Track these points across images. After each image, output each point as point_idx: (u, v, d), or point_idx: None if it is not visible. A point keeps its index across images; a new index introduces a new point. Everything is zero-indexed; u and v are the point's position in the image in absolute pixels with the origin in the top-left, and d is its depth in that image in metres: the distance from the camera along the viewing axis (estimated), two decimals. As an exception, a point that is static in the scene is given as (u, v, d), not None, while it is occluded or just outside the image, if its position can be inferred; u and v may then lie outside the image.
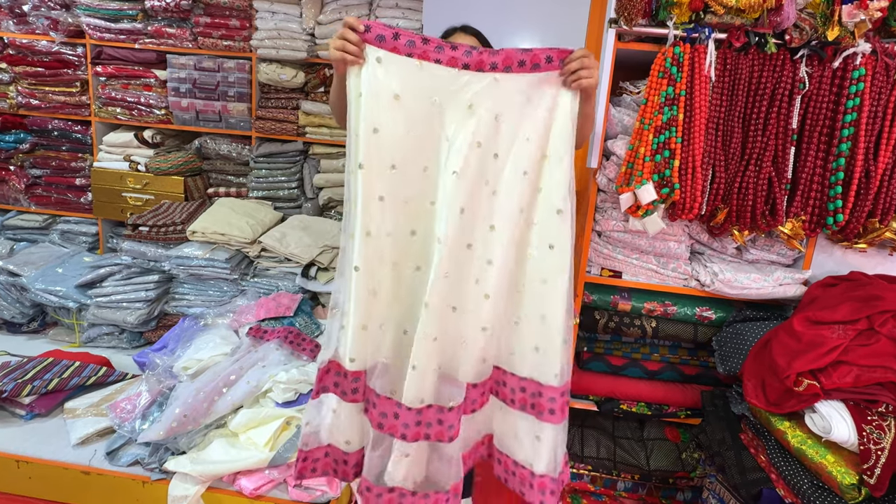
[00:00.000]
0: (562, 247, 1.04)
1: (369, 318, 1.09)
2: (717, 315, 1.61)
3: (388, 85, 1.01)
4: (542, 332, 1.07)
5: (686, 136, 1.40)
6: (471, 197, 1.03)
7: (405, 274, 1.10)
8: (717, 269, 1.52)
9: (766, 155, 1.40)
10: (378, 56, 1.01)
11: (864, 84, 1.34)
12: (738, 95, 1.40)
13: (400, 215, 1.06)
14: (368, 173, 1.02)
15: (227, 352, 2.01)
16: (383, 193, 1.04)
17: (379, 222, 1.05)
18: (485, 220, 1.06)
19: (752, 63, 1.39)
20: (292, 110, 2.74)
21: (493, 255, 1.06)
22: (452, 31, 1.39)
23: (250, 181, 2.79)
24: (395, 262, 1.09)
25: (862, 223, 1.41)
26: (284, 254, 2.44)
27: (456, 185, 1.01)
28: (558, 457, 1.11)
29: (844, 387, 1.19)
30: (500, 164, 1.04)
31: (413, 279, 1.10)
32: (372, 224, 1.05)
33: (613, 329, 1.67)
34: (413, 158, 1.04)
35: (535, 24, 1.92)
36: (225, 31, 2.66)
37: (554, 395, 1.08)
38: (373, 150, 1.02)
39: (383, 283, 1.09)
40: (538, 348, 1.09)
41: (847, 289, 1.39)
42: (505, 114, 1.01)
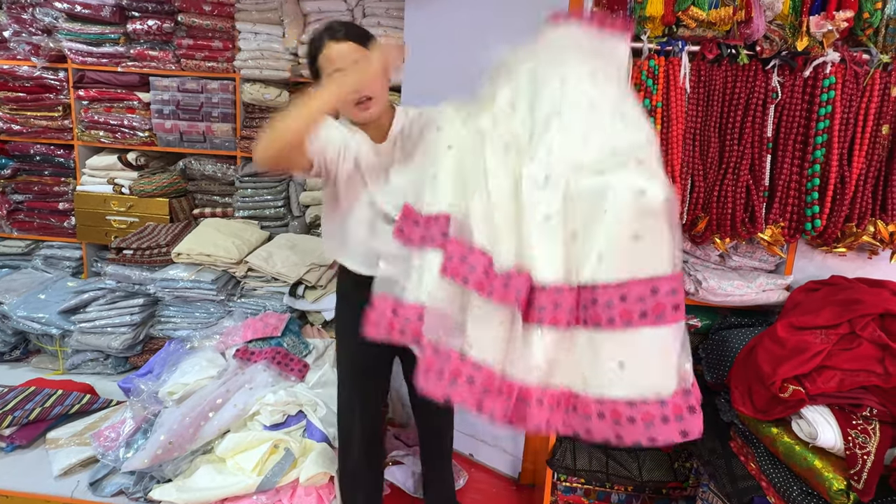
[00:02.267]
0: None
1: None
2: (702, 323, 1.62)
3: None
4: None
5: (664, 147, 1.42)
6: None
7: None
8: (700, 277, 1.53)
9: (742, 163, 1.42)
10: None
11: (834, 92, 1.37)
12: (714, 106, 1.42)
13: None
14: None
15: (214, 375, 2.00)
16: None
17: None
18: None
19: (725, 74, 1.41)
20: None
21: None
22: (320, 40, 1.20)
23: (236, 201, 2.79)
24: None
25: (840, 228, 1.43)
26: (271, 273, 2.43)
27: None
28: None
29: (829, 392, 1.19)
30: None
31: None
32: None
33: None
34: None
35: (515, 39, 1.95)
36: (208, 53, 2.68)
37: (674, 287, 0.83)
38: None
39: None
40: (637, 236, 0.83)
41: (828, 293, 1.41)
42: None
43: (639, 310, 0.84)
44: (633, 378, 0.85)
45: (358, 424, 1.50)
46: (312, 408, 1.87)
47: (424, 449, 1.69)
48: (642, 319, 0.84)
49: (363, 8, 2.57)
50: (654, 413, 0.85)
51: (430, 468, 1.70)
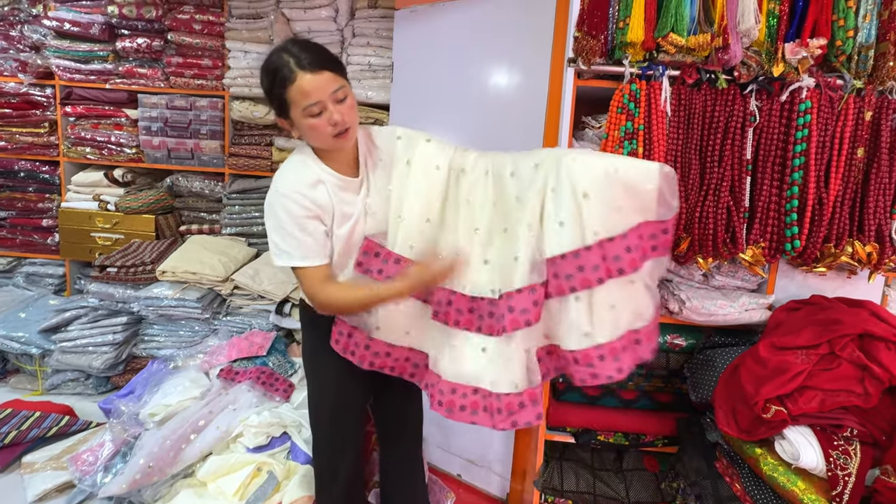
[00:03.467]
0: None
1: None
2: (687, 342, 1.62)
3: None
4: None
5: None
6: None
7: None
8: (684, 297, 1.54)
9: (723, 185, 1.44)
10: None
11: (810, 116, 1.40)
12: (694, 129, 1.45)
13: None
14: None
15: (197, 395, 1.97)
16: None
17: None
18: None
19: (704, 98, 1.44)
20: (266, 146, 2.75)
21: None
22: (286, 69, 1.12)
23: (223, 218, 2.78)
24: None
25: (819, 248, 1.45)
26: (258, 291, 2.42)
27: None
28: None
29: (810, 412, 1.20)
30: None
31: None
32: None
33: None
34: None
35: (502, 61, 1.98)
36: (197, 71, 2.70)
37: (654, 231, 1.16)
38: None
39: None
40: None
41: (809, 313, 1.42)
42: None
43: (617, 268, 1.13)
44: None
45: (342, 462, 1.43)
46: (297, 429, 1.84)
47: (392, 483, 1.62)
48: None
49: (353, 28, 2.60)
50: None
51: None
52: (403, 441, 1.59)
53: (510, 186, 1.22)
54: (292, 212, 1.16)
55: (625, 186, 1.12)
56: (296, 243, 1.18)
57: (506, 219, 1.23)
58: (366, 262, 1.25)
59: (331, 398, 1.41)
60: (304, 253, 1.18)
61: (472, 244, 1.25)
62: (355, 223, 1.25)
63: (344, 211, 1.23)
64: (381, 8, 2.55)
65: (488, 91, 1.93)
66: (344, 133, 1.17)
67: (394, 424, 1.57)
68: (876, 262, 1.46)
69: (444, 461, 2.18)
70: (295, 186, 1.17)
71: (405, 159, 1.28)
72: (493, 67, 1.95)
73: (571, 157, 1.15)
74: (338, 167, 1.24)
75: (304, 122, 1.14)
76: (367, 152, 1.31)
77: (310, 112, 1.12)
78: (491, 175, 1.26)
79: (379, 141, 1.32)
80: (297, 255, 1.18)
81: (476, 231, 1.26)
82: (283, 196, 1.17)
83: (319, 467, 1.47)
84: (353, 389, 1.40)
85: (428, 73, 2.11)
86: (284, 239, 1.18)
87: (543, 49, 1.80)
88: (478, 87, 1.96)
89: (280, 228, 1.17)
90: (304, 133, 1.18)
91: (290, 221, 1.16)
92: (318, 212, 1.19)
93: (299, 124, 1.16)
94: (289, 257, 1.18)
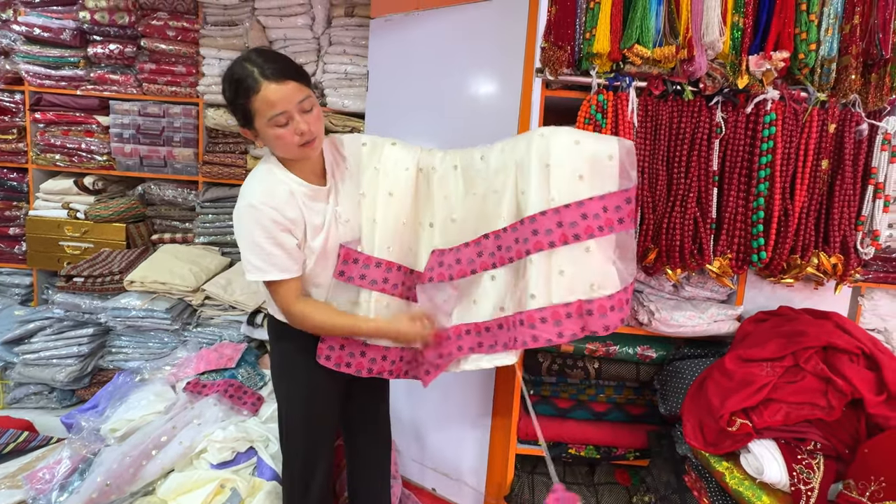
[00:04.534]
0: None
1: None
2: (657, 353, 1.62)
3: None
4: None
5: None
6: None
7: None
8: (654, 308, 1.55)
9: (690, 196, 1.45)
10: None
11: (775, 128, 1.42)
12: (661, 140, 1.46)
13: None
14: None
15: (161, 410, 1.92)
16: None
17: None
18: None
19: (671, 109, 1.45)
20: (240, 154, 2.73)
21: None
22: (250, 79, 1.10)
23: (196, 226, 2.74)
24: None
25: (785, 259, 1.46)
26: (229, 301, 2.38)
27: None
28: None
29: (775, 425, 1.20)
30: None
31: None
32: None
33: (558, 371, 1.66)
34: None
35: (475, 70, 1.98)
36: (171, 77, 2.66)
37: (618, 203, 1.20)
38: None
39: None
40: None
41: (775, 324, 1.43)
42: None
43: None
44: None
45: (313, 477, 1.41)
46: (264, 443, 1.79)
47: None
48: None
49: (329, 36, 2.59)
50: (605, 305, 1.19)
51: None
52: (371, 454, 1.57)
53: (481, 172, 1.30)
54: (263, 225, 1.15)
55: (586, 157, 1.19)
56: (267, 257, 1.17)
57: (482, 203, 1.30)
58: (347, 270, 1.28)
59: (302, 411, 1.38)
60: (276, 267, 1.18)
61: (451, 234, 1.33)
62: (328, 233, 1.25)
63: (314, 223, 1.23)
64: (358, 17, 2.55)
65: (462, 100, 1.94)
66: (310, 143, 1.17)
67: (362, 434, 1.56)
68: (841, 274, 1.47)
69: (419, 475, 2.15)
70: (264, 199, 1.16)
71: (372, 165, 1.32)
72: (467, 76, 1.95)
73: (539, 133, 1.23)
74: (305, 176, 1.24)
75: (269, 133, 1.14)
76: (333, 161, 1.32)
77: (276, 122, 1.12)
78: (460, 168, 1.33)
79: (345, 149, 1.34)
80: (269, 269, 1.18)
81: (453, 221, 1.33)
82: (252, 208, 1.16)
83: (290, 482, 1.45)
84: (324, 401, 1.39)
85: (403, 81, 2.11)
86: (255, 253, 1.17)
87: (516, 59, 1.80)
88: (452, 96, 1.96)
89: (251, 242, 1.17)
90: (269, 143, 1.18)
91: (260, 234, 1.16)
92: (289, 225, 1.19)
93: (264, 134, 1.15)
94: (260, 272, 1.18)
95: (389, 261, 1.31)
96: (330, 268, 1.27)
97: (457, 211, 1.33)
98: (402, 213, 1.33)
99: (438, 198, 1.34)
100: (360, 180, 1.31)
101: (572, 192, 1.18)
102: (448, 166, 1.34)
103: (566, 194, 1.18)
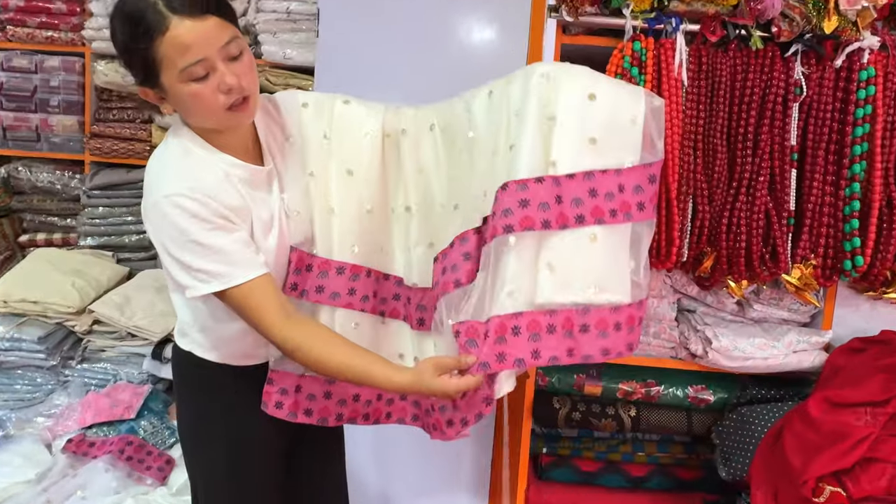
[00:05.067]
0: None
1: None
2: (716, 396, 1.61)
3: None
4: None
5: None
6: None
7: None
8: (710, 334, 1.53)
9: (759, 181, 1.43)
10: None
11: (875, 88, 1.40)
12: (720, 104, 1.43)
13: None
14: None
15: (32, 478, 1.94)
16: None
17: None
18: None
19: (733, 62, 1.43)
20: (143, 124, 2.72)
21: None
22: (153, 13, 1.05)
23: (82, 224, 2.74)
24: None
25: (889, 266, 1.45)
26: (127, 327, 2.39)
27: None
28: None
29: (877, 494, 1.20)
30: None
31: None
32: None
33: (580, 421, 1.65)
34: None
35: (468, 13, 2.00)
36: (46, 18, 2.65)
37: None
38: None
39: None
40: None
41: (877, 355, 1.42)
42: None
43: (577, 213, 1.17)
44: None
45: None
46: (175, 526, 1.79)
47: None
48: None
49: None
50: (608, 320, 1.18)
51: None
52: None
53: (465, 128, 1.30)
54: (197, 213, 1.10)
55: (603, 116, 1.19)
56: (219, 254, 1.11)
57: (472, 173, 1.29)
58: (300, 282, 1.27)
59: (228, 486, 1.37)
60: (236, 265, 1.12)
61: (435, 221, 1.34)
62: (280, 231, 1.24)
63: (261, 216, 1.22)
64: (306, -66, 2.55)
65: (450, 49, 1.97)
66: (242, 104, 1.14)
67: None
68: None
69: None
70: (189, 186, 1.12)
71: (320, 132, 1.31)
72: (457, 17, 1.96)
73: (541, 72, 1.20)
74: (236, 154, 1.21)
75: (182, 91, 1.10)
76: (268, 132, 1.30)
77: (191, 75, 1.08)
78: (438, 128, 1.33)
79: (281, 114, 1.32)
80: (226, 270, 1.11)
81: (442, 206, 1.34)
82: (178, 196, 1.10)
83: None
84: (261, 470, 1.38)
85: (368, 22, 2.11)
86: (197, 253, 1.10)
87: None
88: (434, 44, 1.98)
89: (185, 242, 1.10)
90: (182, 106, 1.15)
91: (198, 227, 1.10)
92: (233, 217, 1.15)
93: (175, 93, 1.11)
94: (214, 277, 1.11)
95: (355, 264, 1.31)
96: (281, 278, 1.26)
97: (438, 187, 1.34)
98: (366, 197, 1.32)
99: (415, 174, 1.35)
100: (307, 156, 1.30)
101: (579, 160, 1.18)
102: (423, 127, 1.34)
103: (570, 161, 1.17)
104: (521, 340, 1.13)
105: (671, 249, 1.43)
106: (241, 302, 1.13)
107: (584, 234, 1.17)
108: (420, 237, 1.37)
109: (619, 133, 1.20)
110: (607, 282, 1.18)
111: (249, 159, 1.24)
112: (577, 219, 1.16)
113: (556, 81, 1.19)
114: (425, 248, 1.36)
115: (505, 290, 1.14)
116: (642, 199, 1.19)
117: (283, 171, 1.29)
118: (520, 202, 1.14)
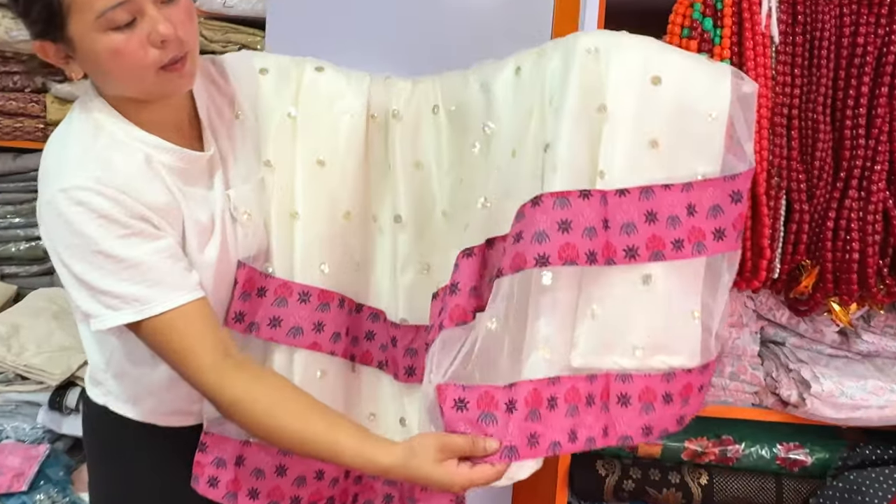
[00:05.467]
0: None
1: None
2: (815, 457, 1.62)
3: None
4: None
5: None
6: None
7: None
8: (808, 375, 1.52)
9: (875, 171, 1.41)
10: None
11: None
12: (821, 67, 1.42)
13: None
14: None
15: None
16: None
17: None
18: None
19: (839, 12, 1.41)
20: (35, 94, 2.67)
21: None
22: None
23: (-47, 228, 2.72)
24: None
25: None
26: (16, 366, 2.35)
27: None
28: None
29: None
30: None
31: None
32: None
33: (633, 493, 1.65)
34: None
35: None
36: None
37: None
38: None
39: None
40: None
41: None
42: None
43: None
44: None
45: None
46: None
47: None
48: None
49: None
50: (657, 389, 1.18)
51: None
52: None
53: (481, 115, 1.28)
54: (106, 213, 1.07)
55: (671, 106, 1.15)
56: (134, 271, 1.08)
57: (485, 175, 1.29)
58: (249, 312, 1.27)
59: None
60: (158, 285, 1.09)
61: (435, 234, 1.37)
62: (223, 240, 1.24)
63: (198, 219, 1.21)
64: None
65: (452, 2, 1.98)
66: (179, 62, 1.11)
67: None
68: None
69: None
70: (98, 173, 1.09)
71: (283, 108, 1.31)
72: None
73: (586, 44, 1.17)
74: (164, 133, 1.19)
75: (97, 44, 1.06)
76: (210, 104, 1.30)
77: (111, 21, 1.04)
78: (443, 110, 1.34)
79: (230, 81, 1.32)
80: (144, 293, 1.08)
81: (444, 216, 1.36)
82: (81, 190, 1.06)
83: None
84: None
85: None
86: (105, 270, 1.07)
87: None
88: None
89: (90, 253, 1.06)
90: (95, 67, 1.11)
91: (106, 233, 1.06)
92: (153, 219, 1.13)
93: (87, 49, 1.07)
94: (127, 304, 1.08)
95: (324, 289, 1.31)
96: (223, 304, 1.25)
97: (440, 190, 1.37)
98: (342, 198, 1.33)
99: (412, 168, 1.37)
100: (263, 139, 1.30)
101: (636, 168, 1.15)
102: (422, 107, 1.36)
103: (623, 172, 1.14)
104: (557, 416, 1.12)
105: (759, 263, 1.42)
106: (163, 337, 1.10)
107: (635, 274, 1.15)
108: (411, 257, 1.38)
109: (692, 132, 1.16)
110: (663, 339, 1.18)
111: (183, 142, 1.22)
112: (626, 252, 1.13)
113: (607, 58, 1.16)
114: (418, 272, 1.37)
115: (539, 346, 1.13)
116: (721, 225, 1.15)
117: (230, 160, 1.28)
118: (559, 224, 1.09)
